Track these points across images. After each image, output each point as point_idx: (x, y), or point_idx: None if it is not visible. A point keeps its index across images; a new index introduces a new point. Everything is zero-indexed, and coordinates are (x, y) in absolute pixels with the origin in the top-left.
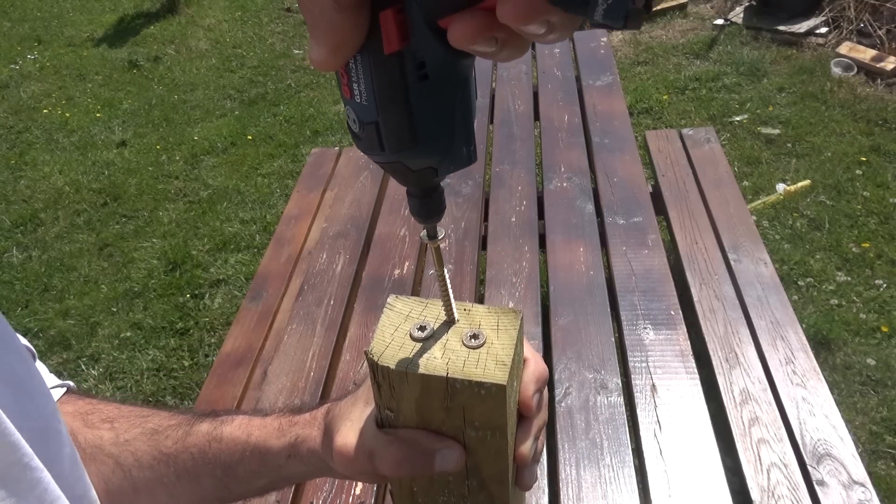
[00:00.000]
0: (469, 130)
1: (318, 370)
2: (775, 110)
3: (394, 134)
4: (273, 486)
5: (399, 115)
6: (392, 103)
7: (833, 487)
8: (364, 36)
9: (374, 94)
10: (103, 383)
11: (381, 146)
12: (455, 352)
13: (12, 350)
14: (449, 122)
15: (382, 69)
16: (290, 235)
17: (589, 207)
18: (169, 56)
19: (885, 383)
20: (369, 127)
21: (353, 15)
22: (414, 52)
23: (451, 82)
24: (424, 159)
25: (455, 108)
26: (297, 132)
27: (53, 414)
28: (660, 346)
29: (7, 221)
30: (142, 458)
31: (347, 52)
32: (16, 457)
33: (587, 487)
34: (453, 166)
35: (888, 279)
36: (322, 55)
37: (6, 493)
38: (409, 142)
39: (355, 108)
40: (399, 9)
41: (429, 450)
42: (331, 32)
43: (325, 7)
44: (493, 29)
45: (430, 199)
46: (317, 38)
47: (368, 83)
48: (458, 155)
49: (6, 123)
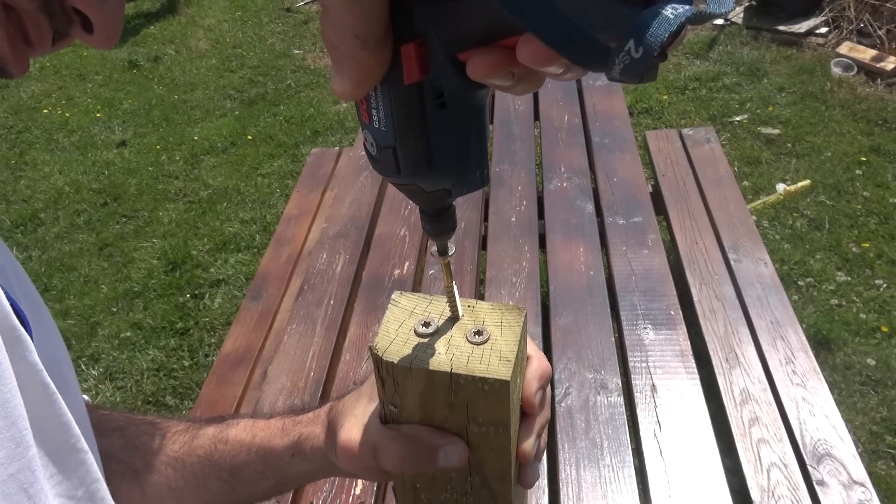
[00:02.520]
0: (483, 155)
1: (318, 370)
2: (775, 110)
3: (410, 159)
4: (278, 488)
5: (416, 141)
6: (410, 130)
7: (833, 487)
8: (387, 69)
9: (392, 121)
10: (103, 383)
11: (398, 170)
12: (459, 348)
13: (60, 347)
14: (464, 149)
15: (402, 98)
16: (290, 235)
17: (589, 207)
18: (169, 56)
19: (885, 383)
20: (387, 151)
21: (379, 51)
22: (433, 82)
23: (468, 111)
24: (439, 182)
25: (470, 135)
26: (297, 132)
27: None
28: (660, 346)
29: (7, 221)
30: (151, 463)
31: (371, 85)
32: (66, 436)
33: (587, 487)
34: (466, 189)
35: (888, 279)
36: (347, 88)
37: (56, 470)
38: (425, 166)
39: (373, 133)
40: (420, 42)
41: (432, 446)
42: (356, 67)
43: (352, 45)
44: (510, 65)
45: (442, 218)
46: (341, 73)
47: (387, 110)
48: (471, 179)
49: (6, 123)
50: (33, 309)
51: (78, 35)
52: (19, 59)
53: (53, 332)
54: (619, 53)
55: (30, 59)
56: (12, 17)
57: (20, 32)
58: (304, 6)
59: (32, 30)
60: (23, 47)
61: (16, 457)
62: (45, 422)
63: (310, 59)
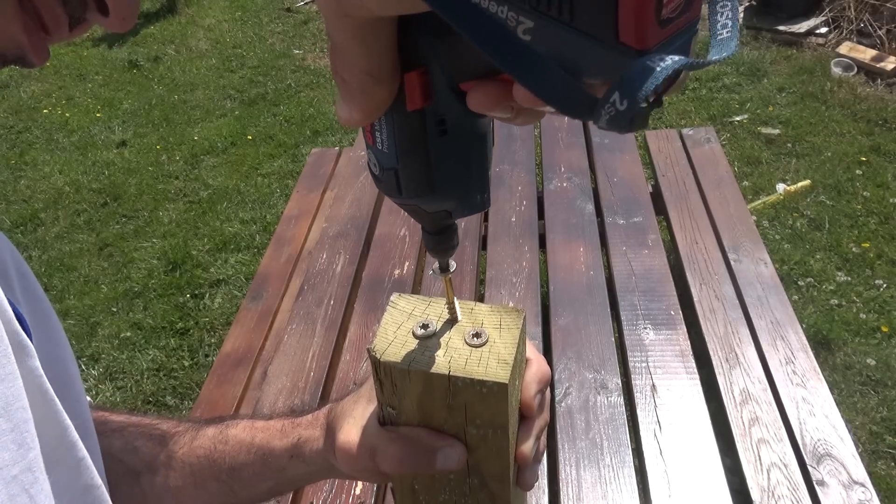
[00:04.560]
0: (484, 179)
1: (318, 370)
2: (775, 110)
3: (412, 181)
4: (277, 489)
5: (417, 165)
6: (412, 154)
7: (833, 487)
8: (393, 98)
9: (395, 144)
10: (103, 383)
11: (400, 191)
12: (457, 350)
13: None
14: (464, 173)
15: (404, 124)
16: (290, 235)
17: (589, 207)
18: (169, 56)
19: (885, 383)
20: (389, 172)
21: (388, 84)
22: (435, 109)
23: (469, 138)
24: (440, 204)
25: (471, 161)
26: (297, 132)
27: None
28: (660, 346)
29: (7, 221)
30: (150, 463)
31: (379, 114)
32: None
33: (587, 487)
34: (467, 211)
35: (888, 279)
36: (356, 119)
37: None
38: (427, 189)
39: (376, 154)
40: (423, 71)
41: (430, 448)
42: (366, 100)
43: (363, 81)
44: (510, 98)
45: (444, 236)
46: (349, 103)
47: (390, 133)
48: (472, 201)
49: (6, 123)
50: (36, 309)
51: (94, 18)
52: (38, 48)
53: (57, 332)
54: (604, 105)
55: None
56: (27, 5)
57: (37, 21)
58: (304, 6)
59: (48, 17)
60: (40, 35)
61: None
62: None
63: (310, 59)
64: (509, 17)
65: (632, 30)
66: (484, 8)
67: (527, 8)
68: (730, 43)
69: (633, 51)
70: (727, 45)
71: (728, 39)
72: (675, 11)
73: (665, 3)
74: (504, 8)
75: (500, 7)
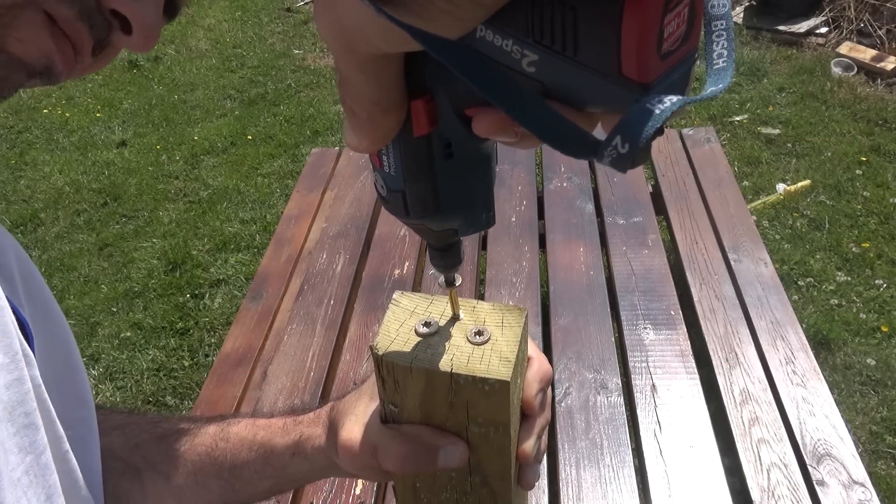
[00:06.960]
0: (488, 199)
1: (318, 370)
2: (775, 110)
3: (419, 202)
4: (279, 487)
5: (424, 187)
6: (418, 176)
7: (833, 487)
8: (401, 126)
9: (401, 167)
10: (103, 383)
11: (407, 211)
12: (459, 348)
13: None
14: (470, 194)
15: (411, 148)
16: (290, 235)
17: (589, 207)
18: (169, 56)
19: (885, 383)
20: (396, 194)
21: (396, 113)
22: (441, 134)
23: (474, 160)
24: (446, 223)
25: (476, 181)
26: (297, 132)
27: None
28: (660, 346)
29: (7, 221)
30: (151, 461)
31: (387, 141)
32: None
33: (587, 487)
34: (472, 229)
35: (888, 279)
36: (364, 146)
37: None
38: (433, 209)
39: (383, 176)
40: (429, 98)
41: (432, 446)
42: (373, 128)
43: (372, 112)
44: (513, 124)
45: (449, 252)
46: (358, 132)
47: (397, 157)
48: (477, 220)
49: (6, 123)
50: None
51: (118, 41)
52: (65, 55)
53: (63, 332)
54: (607, 147)
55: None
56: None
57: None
58: (304, 6)
59: (73, 35)
60: (71, 54)
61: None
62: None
63: (310, 59)
64: (514, 50)
65: (634, 64)
66: (489, 41)
67: (531, 42)
68: (726, 73)
69: (636, 84)
70: (723, 76)
71: (724, 70)
72: (675, 44)
73: (666, 37)
74: (509, 42)
75: (506, 41)
